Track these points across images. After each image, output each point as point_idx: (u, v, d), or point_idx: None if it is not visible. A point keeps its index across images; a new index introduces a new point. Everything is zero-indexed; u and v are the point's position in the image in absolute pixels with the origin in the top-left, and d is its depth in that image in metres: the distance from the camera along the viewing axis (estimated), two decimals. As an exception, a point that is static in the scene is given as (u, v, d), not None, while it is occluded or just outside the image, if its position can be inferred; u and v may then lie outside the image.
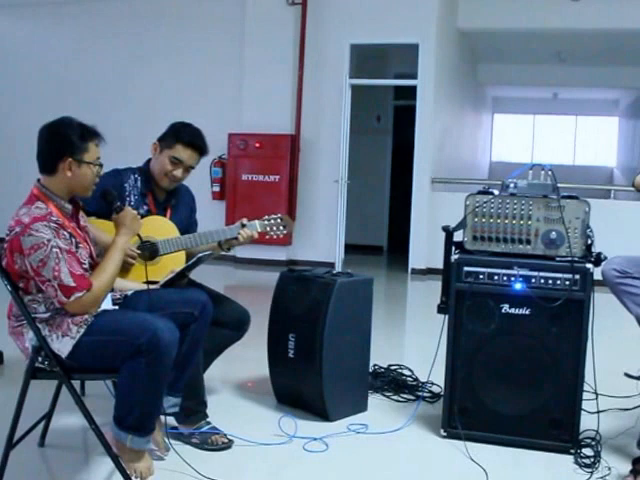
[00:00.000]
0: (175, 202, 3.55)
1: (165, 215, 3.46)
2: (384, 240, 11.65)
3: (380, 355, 4.38)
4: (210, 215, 8.10)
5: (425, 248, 8.71)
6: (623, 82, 14.33)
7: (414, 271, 8.90)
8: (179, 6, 9.79)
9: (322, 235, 9.21)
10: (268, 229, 3.52)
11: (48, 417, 3.12)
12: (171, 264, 3.29)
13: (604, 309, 3.35)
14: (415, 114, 9.05)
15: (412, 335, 6.07)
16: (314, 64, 9.20)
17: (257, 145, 9.17)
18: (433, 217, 8.50)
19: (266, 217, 3.54)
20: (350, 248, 9.56)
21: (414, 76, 9.09)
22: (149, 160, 3.51)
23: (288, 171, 9.18)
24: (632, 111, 16.07)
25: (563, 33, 10.44)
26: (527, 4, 9.52)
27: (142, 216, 3.17)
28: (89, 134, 2.67)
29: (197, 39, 9.70)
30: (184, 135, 3.43)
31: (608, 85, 14.84)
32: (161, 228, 3.36)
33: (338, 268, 8.29)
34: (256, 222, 3.50)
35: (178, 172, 3.42)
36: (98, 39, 10.23)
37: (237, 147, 9.23)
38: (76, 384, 3.01)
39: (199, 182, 3.72)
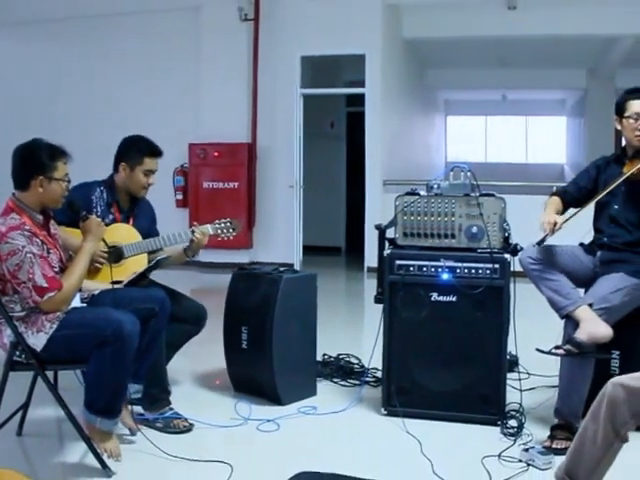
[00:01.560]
0: (137, 211, 3.92)
1: (128, 222, 3.82)
2: (342, 241, 12.07)
3: (332, 346, 4.77)
4: (174, 222, 8.37)
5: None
6: (567, 83, 14.94)
7: (370, 269, 9.27)
8: (137, 22, 10.09)
9: (281, 238, 9.58)
10: (219, 232, 3.90)
11: (25, 408, 3.43)
12: (135, 265, 3.64)
13: (529, 296, 3.75)
14: (367, 119, 9.50)
15: (365, 327, 6.46)
16: (267, 76, 9.60)
17: (216, 154, 9.54)
18: (386, 217, 8.84)
19: (217, 221, 3.92)
20: (309, 249, 9.91)
21: (364, 83, 9.53)
22: (111, 175, 3.87)
23: (246, 178, 9.58)
24: (578, 110, 16.65)
25: (503, 39, 10.93)
26: (467, 13, 10.01)
27: (108, 224, 3.55)
28: (58, 154, 3.03)
29: (156, 54, 10.02)
30: (146, 149, 3.82)
31: (553, 86, 15.43)
32: (125, 234, 3.72)
33: (297, 269, 8.66)
34: (208, 226, 3.88)
35: (151, 180, 3.85)
36: (60, 55, 10.47)
37: (197, 156, 9.60)
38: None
39: (163, 191, 4.12)
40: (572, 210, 3.73)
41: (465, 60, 13.27)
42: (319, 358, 4.46)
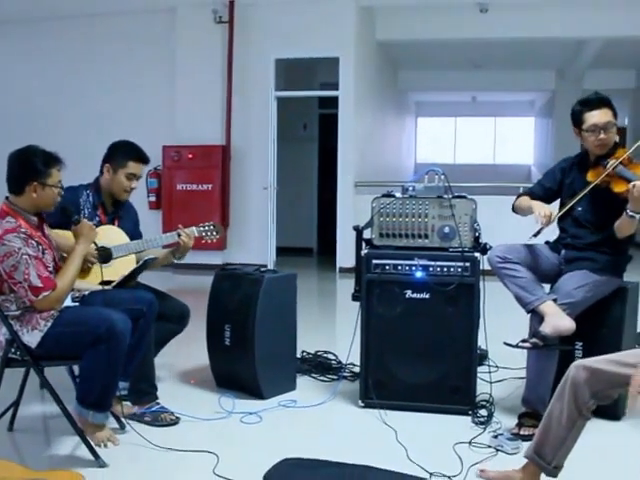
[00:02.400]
0: (122, 213, 4.05)
1: (114, 224, 3.96)
2: (314, 242, 12.26)
3: (310, 343, 4.95)
4: (147, 223, 8.42)
5: (351, 248, 9.23)
6: (536, 85, 15.26)
7: (341, 270, 9.49)
8: (112, 23, 10.20)
9: (254, 239, 9.74)
10: (204, 234, 4.07)
11: (16, 405, 3.56)
12: (123, 266, 3.78)
13: (497, 294, 3.95)
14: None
15: (339, 325, 6.66)
16: (242, 78, 9.76)
17: (190, 156, 9.67)
18: (358, 219, 9.04)
19: (201, 225, 4.08)
20: (282, 251, 10.08)
21: (338, 86, 9.71)
22: (97, 177, 4.00)
23: (220, 180, 9.72)
24: (546, 111, 16.99)
25: (475, 42, 11.25)
26: (440, 16, 10.28)
27: (95, 226, 3.68)
28: (52, 161, 3.17)
29: (130, 56, 10.14)
30: (132, 153, 3.96)
31: (522, 88, 15.74)
32: (114, 236, 3.85)
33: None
34: (193, 228, 4.04)
35: (134, 184, 3.97)
36: (33, 55, 10.53)
37: (171, 159, 9.72)
38: (35, 379, 3.48)
39: (136, 193, 4.23)
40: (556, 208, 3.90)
41: (437, 62, 13.55)
42: (297, 355, 4.61)
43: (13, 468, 2.79)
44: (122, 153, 3.96)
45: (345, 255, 9.43)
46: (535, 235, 3.75)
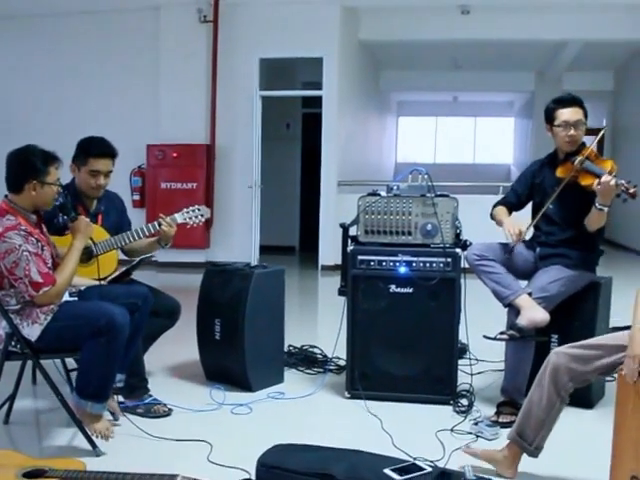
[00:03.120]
0: (105, 208, 4.06)
1: (97, 222, 3.93)
2: (296, 240, 12.39)
3: (295, 338, 5.09)
4: (132, 222, 8.61)
5: (333, 246, 9.32)
6: (516, 86, 15.44)
7: (324, 267, 9.64)
8: (98, 25, 10.25)
9: (238, 237, 9.85)
10: (188, 219, 4.05)
11: (12, 398, 3.67)
12: (107, 262, 3.82)
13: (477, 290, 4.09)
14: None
15: (322, 320, 6.79)
16: (226, 77, 9.84)
17: (175, 155, 9.74)
18: (340, 217, 9.18)
19: (185, 209, 4.08)
20: (265, 249, 10.17)
21: (321, 85, 9.84)
22: (73, 178, 4.01)
23: (205, 178, 9.81)
24: (526, 112, 17.18)
25: (456, 43, 11.40)
26: (423, 17, 10.42)
27: None
28: (50, 159, 3.27)
29: (115, 54, 10.20)
30: (92, 149, 3.90)
31: (503, 89, 15.94)
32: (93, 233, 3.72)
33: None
34: (175, 215, 4.02)
35: (100, 180, 3.90)
36: (17, 54, 10.56)
37: (155, 157, 9.79)
38: (28, 374, 3.61)
39: (120, 191, 4.32)
40: (527, 220, 4.09)
41: (419, 62, 13.71)
42: (284, 349, 4.75)
43: (15, 457, 2.92)
44: (82, 150, 3.91)
45: (327, 253, 9.56)
46: (509, 252, 3.95)
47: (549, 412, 2.98)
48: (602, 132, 4.02)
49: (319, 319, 7.08)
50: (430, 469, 2.79)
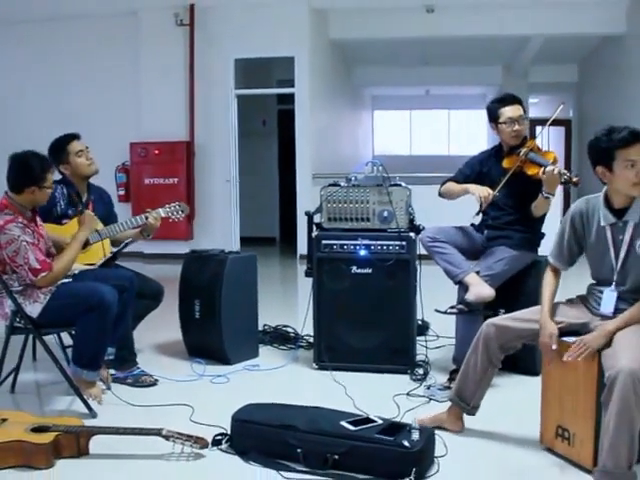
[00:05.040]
0: (94, 198, 4.50)
1: (88, 208, 4.35)
2: (276, 231, 12.84)
3: (272, 319, 5.55)
4: (118, 215, 9.00)
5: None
6: (485, 79, 15.82)
7: (302, 256, 9.98)
8: (81, 29, 10.65)
9: (219, 229, 10.29)
10: (170, 214, 4.54)
11: (16, 370, 4.11)
12: (100, 249, 4.28)
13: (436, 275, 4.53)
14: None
15: (299, 304, 7.20)
16: (203, 77, 10.28)
17: (156, 152, 10.19)
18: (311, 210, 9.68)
19: (167, 205, 4.56)
20: (245, 240, 10.62)
21: (294, 83, 10.28)
22: (63, 175, 4.42)
23: (185, 174, 10.27)
24: (497, 104, 17.61)
25: (423, 40, 11.83)
26: (389, 16, 10.82)
27: (72, 216, 4.22)
28: (47, 166, 3.73)
29: (96, 58, 10.58)
30: (62, 142, 4.35)
31: (472, 83, 16.28)
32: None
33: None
34: (159, 210, 4.50)
35: (89, 155, 4.39)
36: (2, 60, 10.94)
37: (138, 155, 10.22)
38: (29, 351, 4.02)
39: (106, 187, 4.72)
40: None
41: (389, 59, 14.07)
42: (260, 329, 5.21)
43: (23, 416, 3.38)
44: (58, 149, 4.34)
45: (305, 243, 9.87)
46: (477, 213, 4.34)
47: (483, 376, 3.39)
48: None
49: (296, 302, 7.54)
50: (381, 421, 3.24)
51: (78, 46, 10.66)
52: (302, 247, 10.07)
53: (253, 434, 3.23)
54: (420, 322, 4.92)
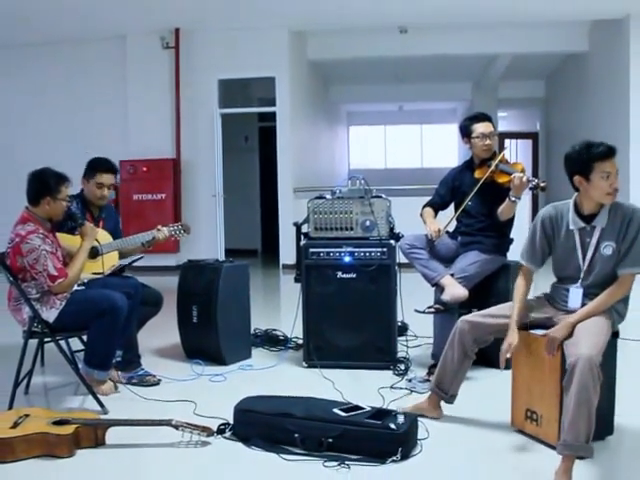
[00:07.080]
0: (104, 216, 4.87)
1: (99, 226, 4.73)
2: (258, 243, 13.23)
3: (261, 323, 5.92)
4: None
5: (292, 246, 9.99)
6: (456, 95, 16.36)
7: (285, 266, 10.48)
8: (70, 52, 11.02)
9: (205, 242, 10.59)
10: (174, 233, 4.90)
11: (30, 373, 4.44)
12: (109, 260, 4.64)
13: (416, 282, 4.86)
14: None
15: (284, 309, 7.69)
16: (189, 97, 10.69)
17: (144, 169, 10.55)
18: (298, 220, 10.01)
19: (171, 225, 4.92)
20: (229, 252, 10.88)
21: (275, 102, 10.68)
22: (82, 189, 4.82)
23: (172, 190, 10.65)
24: (468, 118, 18.06)
25: (397, 59, 12.27)
26: (364, 37, 11.28)
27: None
28: (62, 180, 4.08)
29: (87, 81, 10.97)
30: (99, 165, 4.74)
31: (444, 98, 16.78)
32: (100, 236, 4.60)
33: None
34: (164, 229, 4.87)
35: (104, 192, 4.74)
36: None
37: (127, 172, 10.54)
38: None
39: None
40: (446, 218, 4.88)
41: (364, 77, 14.50)
42: (252, 332, 5.55)
43: (43, 411, 3.72)
44: (92, 167, 4.73)
45: (287, 253, 10.37)
46: (431, 248, 4.72)
47: (459, 367, 3.75)
48: (503, 152, 4.87)
49: (281, 308, 7.96)
50: (369, 408, 3.61)
51: (68, 69, 11.03)
52: (285, 257, 10.49)
53: (254, 422, 3.56)
54: (400, 324, 5.25)
